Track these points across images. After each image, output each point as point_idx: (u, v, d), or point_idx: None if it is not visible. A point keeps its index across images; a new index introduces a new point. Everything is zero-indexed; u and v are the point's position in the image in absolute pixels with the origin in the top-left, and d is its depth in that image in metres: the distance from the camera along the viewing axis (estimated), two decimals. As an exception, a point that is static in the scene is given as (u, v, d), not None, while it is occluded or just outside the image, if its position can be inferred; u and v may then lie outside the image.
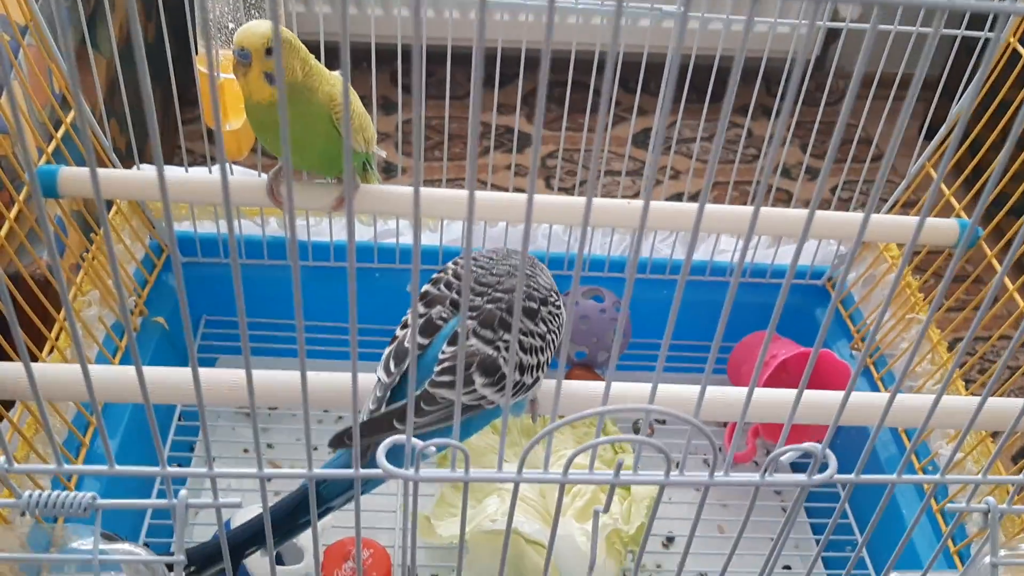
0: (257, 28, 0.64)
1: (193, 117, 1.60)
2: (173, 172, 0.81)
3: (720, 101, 1.81)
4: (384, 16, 1.73)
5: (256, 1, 0.82)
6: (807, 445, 0.45)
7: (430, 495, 0.84)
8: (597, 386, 0.64)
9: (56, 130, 0.79)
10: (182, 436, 0.88)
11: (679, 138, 1.76)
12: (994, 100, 0.84)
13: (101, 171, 0.75)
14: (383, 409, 0.59)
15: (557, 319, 0.63)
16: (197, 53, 0.83)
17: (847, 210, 1.24)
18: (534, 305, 0.61)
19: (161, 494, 0.80)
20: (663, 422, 0.97)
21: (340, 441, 0.57)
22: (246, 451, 0.91)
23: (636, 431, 0.94)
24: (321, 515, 0.63)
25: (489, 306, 0.60)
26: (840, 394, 0.64)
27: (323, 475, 0.45)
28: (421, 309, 0.61)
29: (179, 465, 0.88)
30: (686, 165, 1.71)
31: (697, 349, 0.99)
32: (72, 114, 0.82)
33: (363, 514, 0.46)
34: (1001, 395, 0.79)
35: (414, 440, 0.42)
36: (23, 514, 0.47)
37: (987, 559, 0.48)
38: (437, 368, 0.58)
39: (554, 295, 0.63)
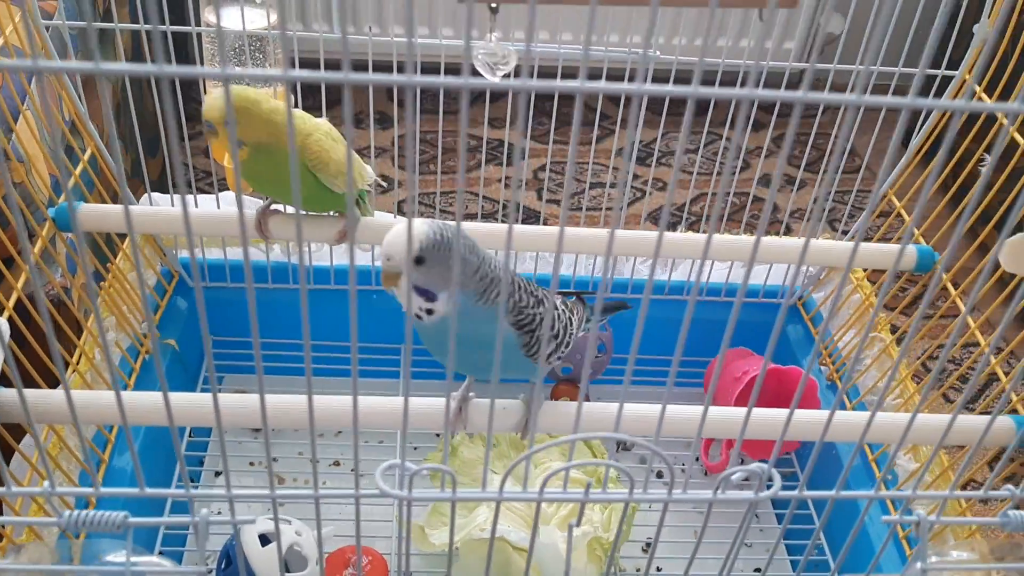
0: (216, 101, 0.69)
1: (194, 133, 1.66)
2: (181, 209, 0.87)
3: (706, 114, 1.87)
4: (380, 33, 1.78)
5: (260, 45, 0.89)
6: (753, 466, 0.51)
7: (423, 505, 0.90)
8: (573, 407, 0.71)
9: (65, 153, 0.85)
10: (191, 451, 0.94)
11: (664, 150, 1.82)
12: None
13: (117, 208, 0.81)
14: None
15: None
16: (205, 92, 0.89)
17: (828, 219, 1.30)
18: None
19: (176, 507, 0.86)
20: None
21: None
22: (251, 464, 0.97)
23: (619, 446, 1.00)
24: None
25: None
26: (795, 412, 0.70)
27: (327, 496, 0.51)
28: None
29: (191, 480, 0.94)
30: (670, 176, 1.77)
31: (670, 364, 1.05)
32: (89, 151, 0.88)
33: (362, 523, 0.52)
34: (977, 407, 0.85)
35: (408, 464, 0.48)
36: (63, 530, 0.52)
37: (918, 564, 0.54)
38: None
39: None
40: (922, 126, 0.93)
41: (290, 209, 0.80)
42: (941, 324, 1.29)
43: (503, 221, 1.63)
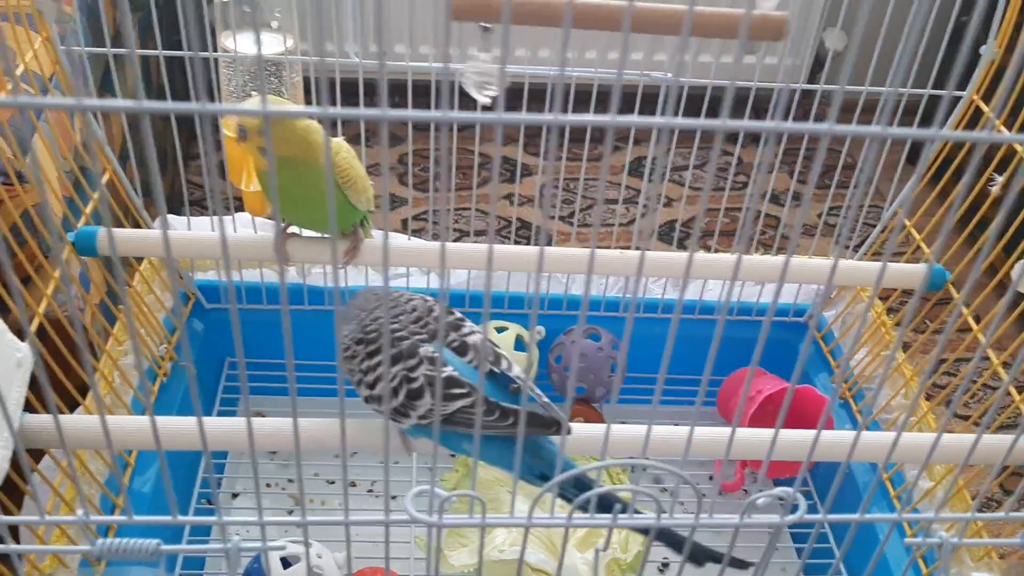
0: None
1: (197, 153, 1.67)
2: (203, 232, 0.88)
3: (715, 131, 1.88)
4: (388, 54, 1.79)
5: (275, 69, 0.89)
6: (780, 490, 0.52)
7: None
8: (597, 429, 0.71)
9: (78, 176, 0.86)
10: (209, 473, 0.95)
11: (673, 166, 1.83)
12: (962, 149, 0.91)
13: (139, 232, 0.82)
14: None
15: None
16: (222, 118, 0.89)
17: (833, 236, 1.30)
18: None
19: (194, 531, 0.86)
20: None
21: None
22: (268, 486, 0.97)
23: (633, 468, 1.01)
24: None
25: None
26: (812, 433, 0.71)
27: (357, 522, 0.51)
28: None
29: (208, 501, 0.94)
30: (679, 193, 1.78)
31: (686, 383, 1.05)
32: (107, 175, 0.88)
33: (379, 545, 0.53)
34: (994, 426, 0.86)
35: (438, 491, 0.49)
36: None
37: (940, 586, 0.55)
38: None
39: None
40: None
41: (307, 232, 0.81)
42: (957, 338, 1.29)
43: (518, 241, 1.64)
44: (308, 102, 0.92)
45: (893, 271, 0.90)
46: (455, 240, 1.65)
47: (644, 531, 0.75)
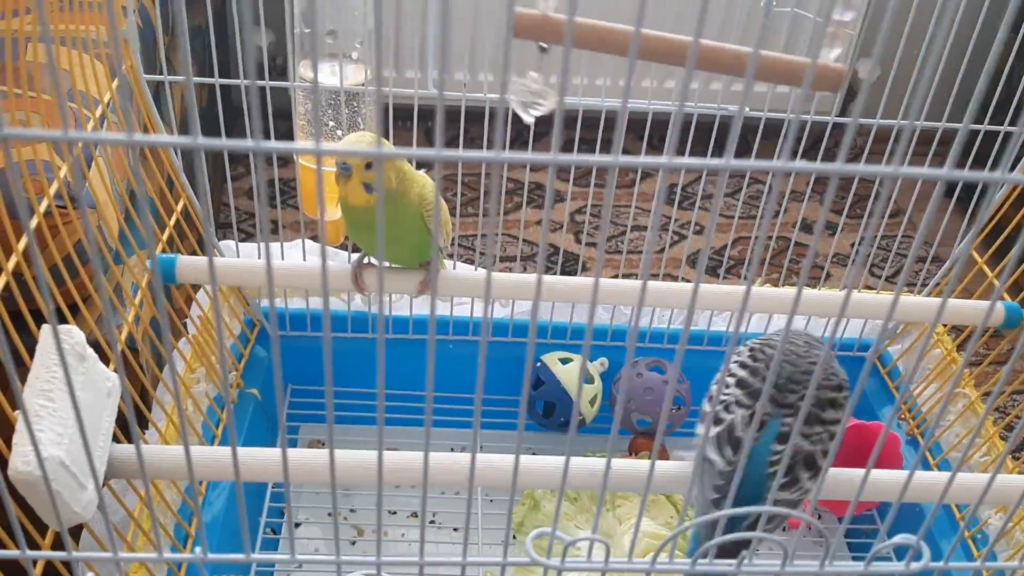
0: (360, 144, 0.70)
1: (238, 174, 1.68)
2: (274, 261, 0.88)
3: (743, 157, 1.88)
4: (422, 78, 1.79)
5: (349, 99, 0.90)
6: (902, 537, 0.51)
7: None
8: (663, 466, 0.70)
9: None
10: (275, 502, 0.94)
11: (703, 194, 1.83)
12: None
13: (217, 260, 0.82)
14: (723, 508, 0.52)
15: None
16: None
17: (874, 272, 1.30)
18: (837, 396, 0.63)
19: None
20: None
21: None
22: (329, 515, 0.96)
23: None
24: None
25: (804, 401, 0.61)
26: (898, 474, 0.69)
27: (435, 563, 0.50)
28: (744, 399, 0.63)
29: (272, 531, 0.93)
30: (709, 220, 1.78)
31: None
32: (181, 203, 0.89)
33: None
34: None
35: (560, 534, 0.48)
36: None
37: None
38: (771, 470, 0.61)
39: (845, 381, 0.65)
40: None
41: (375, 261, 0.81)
42: None
43: (549, 268, 1.64)
44: (385, 132, 0.92)
45: (965, 308, 0.89)
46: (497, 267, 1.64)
47: None
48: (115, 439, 0.70)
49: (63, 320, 0.74)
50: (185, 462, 0.64)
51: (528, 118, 0.61)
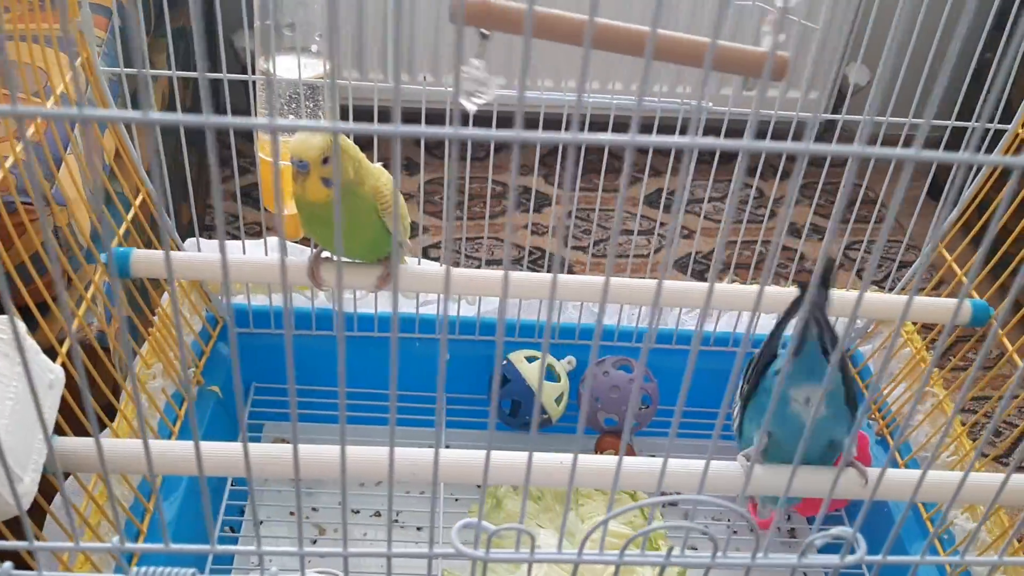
0: (313, 140, 0.70)
1: (228, 176, 1.67)
2: (234, 255, 0.87)
3: (730, 163, 1.87)
4: (435, 82, 1.79)
5: (312, 93, 0.89)
6: (839, 530, 0.50)
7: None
8: (632, 462, 0.69)
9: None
10: (234, 500, 0.93)
11: (690, 198, 1.82)
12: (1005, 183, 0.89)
13: (174, 254, 0.81)
14: None
15: None
16: (258, 140, 0.89)
17: (853, 269, 1.29)
18: None
19: (217, 560, 0.85)
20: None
21: None
22: (292, 514, 0.95)
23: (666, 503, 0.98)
24: None
25: None
26: (869, 471, 0.69)
27: (400, 554, 0.50)
28: None
29: (231, 528, 0.92)
30: (697, 224, 1.77)
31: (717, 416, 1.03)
32: (141, 196, 0.88)
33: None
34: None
35: (486, 524, 0.47)
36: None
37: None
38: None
39: None
40: (954, 180, 0.93)
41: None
42: (1001, 376, 1.27)
43: (531, 268, 1.63)
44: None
45: (932, 306, 0.88)
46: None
47: None
48: (82, 432, 0.69)
49: (30, 318, 0.73)
50: (139, 456, 0.63)
51: (470, 106, 0.60)
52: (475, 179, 1.83)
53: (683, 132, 0.97)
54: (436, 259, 1.56)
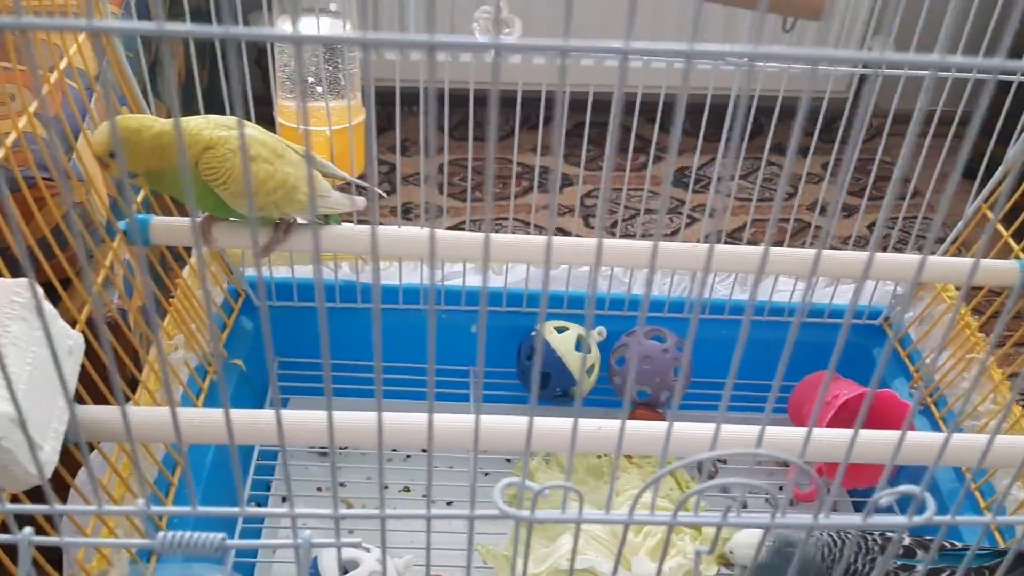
0: (99, 135, 0.68)
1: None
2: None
3: (757, 139, 1.83)
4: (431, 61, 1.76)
5: (329, 56, 0.86)
6: (907, 488, 0.47)
7: (503, 533, 0.85)
8: (660, 426, 0.66)
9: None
10: (260, 475, 0.91)
11: (720, 176, 1.78)
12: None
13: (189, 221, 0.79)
14: None
15: None
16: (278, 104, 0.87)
17: (888, 247, 1.25)
18: None
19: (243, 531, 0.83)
20: (724, 462, 0.98)
21: None
22: (319, 490, 0.93)
23: (700, 470, 0.96)
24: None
25: None
26: (896, 434, 0.66)
27: (440, 515, 0.47)
28: None
29: (257, 504, 0.90)
30: (723, 203, 1.73)
31: (756, 388, 1.00)
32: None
33: (436, 552, 0.49)
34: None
35: (530, 483, 0.44)
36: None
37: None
38: None
39: None
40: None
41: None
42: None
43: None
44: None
45: (982, 268, 0.85)
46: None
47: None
48: (104, 401, 0.67)
49: (52, 293, 0.71)
50: (166, 424, 0.61)
51: (505, 38, 0.57)
52: (498, 160, 1.80)
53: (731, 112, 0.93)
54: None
